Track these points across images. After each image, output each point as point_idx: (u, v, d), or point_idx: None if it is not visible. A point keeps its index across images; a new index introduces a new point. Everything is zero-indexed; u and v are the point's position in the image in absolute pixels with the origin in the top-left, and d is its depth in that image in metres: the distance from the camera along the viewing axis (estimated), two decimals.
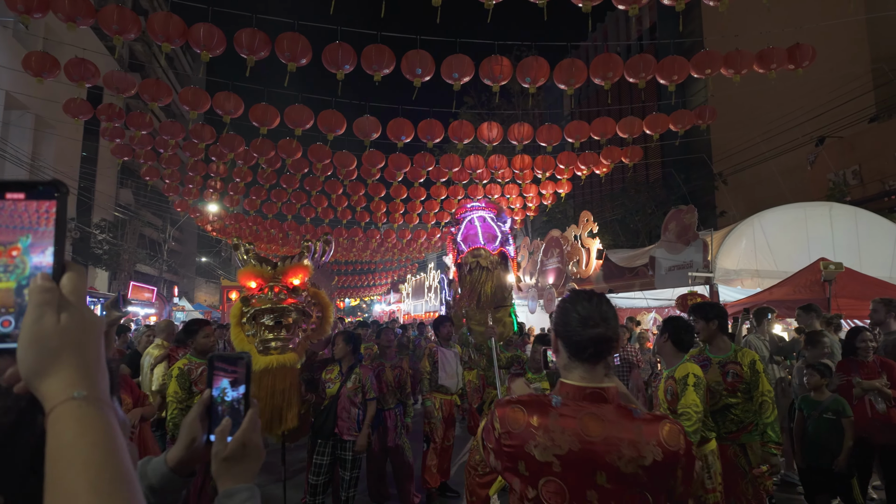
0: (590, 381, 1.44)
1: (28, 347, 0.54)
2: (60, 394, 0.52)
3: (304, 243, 4.25)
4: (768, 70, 7.18)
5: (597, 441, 1.34)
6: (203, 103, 7.70)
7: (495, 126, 8.44)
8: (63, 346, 0.54)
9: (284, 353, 3.89)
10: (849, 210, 9.49)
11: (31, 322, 0.55)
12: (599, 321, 1.44)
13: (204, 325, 4.27)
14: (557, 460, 1.35)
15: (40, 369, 0.53)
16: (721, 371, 3.51)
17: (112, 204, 25.44)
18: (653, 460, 1.33)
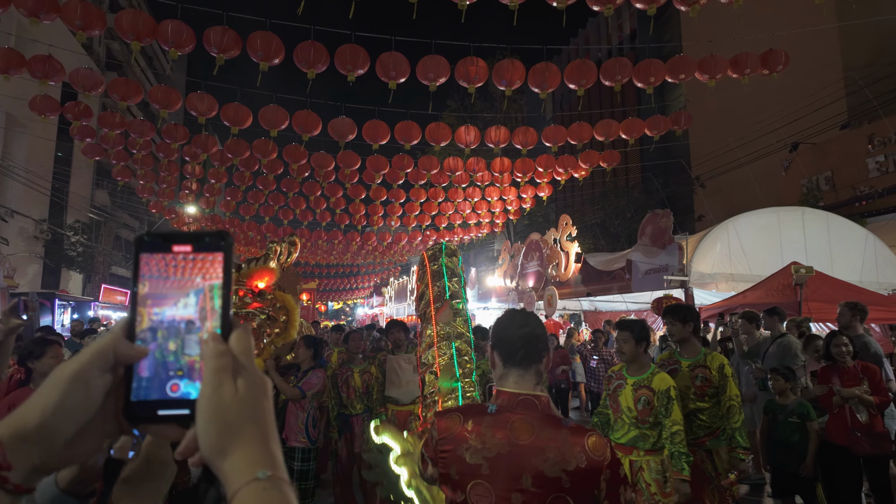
0: (523, 388, 1.52)
1: (208, 423, 0.50)
2: (244, 475, 0.48)
3: (269, 245, 4.15)
4: (742, 75, 7.25)
5: (525, 445, 1.42)
6: (174, 102, 7.54)
7: (472, 129, 8.41)
8: (244, 420, 0.50)
9: None
10: (821, 215, 9.65)
11: (209, 392, 0.50)
12: (527, 323, 1.57)
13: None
14: (486, 462, 1.42)
15: (222, 447, 0.49)
16: (690, 375, 3.47)
17: (87, 205, 24.88)
18: (576, 466, 1.39)
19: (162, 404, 0.52)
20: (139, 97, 7.43)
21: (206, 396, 0.50)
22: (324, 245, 18.12)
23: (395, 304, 30.50)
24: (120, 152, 9.94)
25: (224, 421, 0.49)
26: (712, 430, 3.42)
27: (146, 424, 0.54)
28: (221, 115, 7.71)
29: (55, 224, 22.06)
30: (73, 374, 0.50)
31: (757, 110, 15.52)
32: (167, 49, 6.20)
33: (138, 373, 0.52)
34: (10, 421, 0.48)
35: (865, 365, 4.01)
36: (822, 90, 13.55)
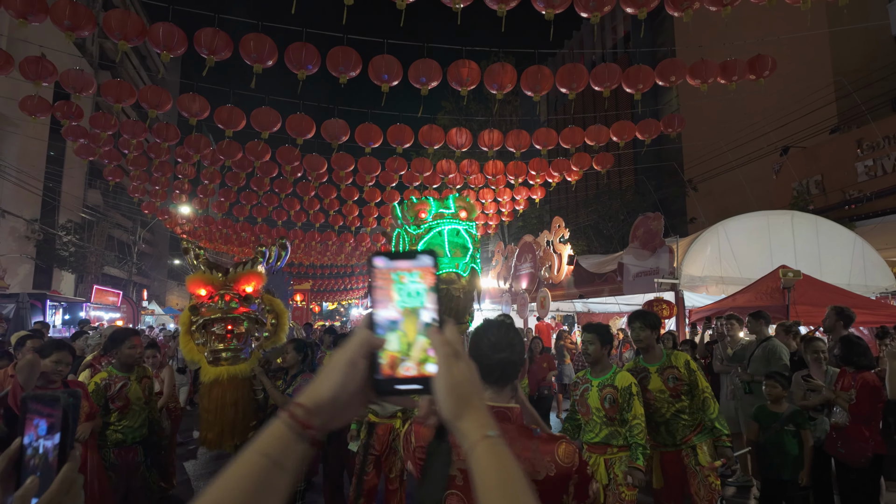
0: (496, 401, 1.59)
1: (447, 395, 0.68)
2: (478, 433, 0.67)
3: (257, 248, 4.16)
4: (730, 80, 7.32)
5: None
6: (164, 103, 7.54)
7: (465, 132, 8.44)
8: (471, 393, 0.69)
9: (236, 364, 3.78)
10: (810, 219, 9.73)
11: (444, 373, 0.68)
12: (506, 347, 1.60)
13: (131, 336, 3.91)
14: (461, 473, 1.47)
15: (459, 413, 0.67)
16: (661, 378, 3.51)
17: (79, 205, 24.76)
18: (546, 475, 1.45)
19: (398, 381, 0.69)
20: (132, 99, 7.42)
21: (443, 375, 0.68)
22: (317, 246, 18.11)
23: None
24: (111, 152, 9.91)
25: (458, 394, 0.67)
26: (695, 426, 3.48)
27: (388, 396, 0.71)
28: (215, 117, 7.70)
29: (47, 224, 21.94)
30: (347, 360, 0.68)
31: (748, 114, 15.63)
32: (159, 52, 6.21)
33: (379, 358, 0.69)
34: (309, 395, 0.67)
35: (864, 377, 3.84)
36: (813, 95, 13.66)
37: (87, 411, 3.25)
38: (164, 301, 34.48)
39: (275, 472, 0.64)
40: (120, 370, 3.79)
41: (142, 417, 3.80)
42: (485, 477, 0.66)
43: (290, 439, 0.64)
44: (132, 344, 3.78)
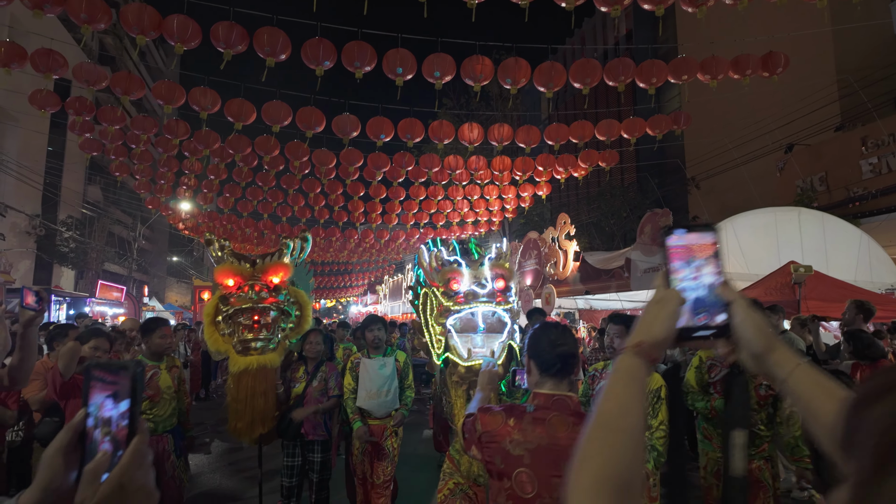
0: (557, 390, 1.75)
1: (757, 334, 0.81)
2: (791, 362, 0.79)
3: (282, 240, 4.17)
4: (743, 76, 7.35)
5: (562, 437, 1.63)
6: (178, 98, 7.51)
7: (476, 127, 8.45)
8: (772, 333, 0.83)
9: (265, 354, 3.80)
10: (816, 215, 9.78)
11: (748, 318, 0.82)
12: (565, 342, 1.78)
13: (161, 325, 3.95)
14: (528, 453, 1.62)
15: (769, 347, 0.81)
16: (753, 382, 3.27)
17: (80, 200, 24.65)
18: None
19: (694, 329, 0.84)
20: (142, 92, 7.39)
21: (748, 320, 0.82)
22: (321, 242, 18.09)
23: (389, 302, 30.47)
24: (119, 148, 9.87)
25: (764, 334, 0.82)
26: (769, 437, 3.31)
27: (686, 341, 0.84)
28: (225, 110, 7.69)
29: (48, 219, 21.84)
30: (672, 312, 0.82)
31: (752, 112, 15.68)
32: (173, 44, 6.19)
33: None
34: (646, 334, 0.80)
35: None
36: (816, 93, 13.71)
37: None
38: (164, 298, 34.40)
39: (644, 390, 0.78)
40: (150, 359, 3.80)
41: (171, 407, 3.82)
42: (809, 392, 0.77)
43: (643, 366, 0.78)
44: (162, 333, 3.81)
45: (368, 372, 4.04)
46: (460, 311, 3.23)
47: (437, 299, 3.36)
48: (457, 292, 3.23)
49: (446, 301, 3.25)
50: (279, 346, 3.90)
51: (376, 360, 4.11)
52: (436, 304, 3.38)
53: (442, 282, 3.29)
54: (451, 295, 3.24)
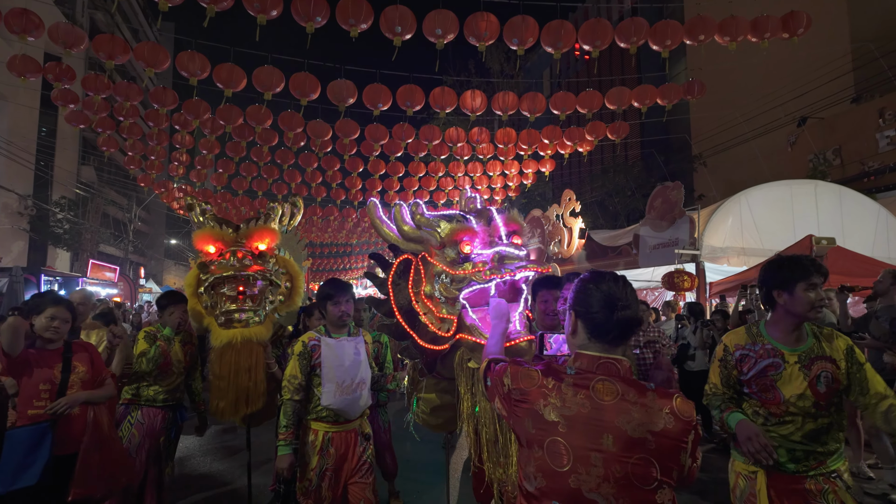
0: (606, 353, 1.44)
1: None
2: None
3: (269, 205, 3.80)
4: (762, 38, 6.92)
5: (607, 405, 1.37)
6: (162, 61, 7.08)
7: (479, 94, 8.02)
8: None
9: (250, 327, 3.46)
10: (833, 188, 9.42)
11: None
12: (628, 304, 1.42)
13: (172, 303, 3.83)
14: (564, 420, 1.38)
15: None
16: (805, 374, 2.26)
17: (73, 181, 24.20)
18: (664, 426, 1.34)
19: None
20: (126, 55, 6.94)
21: None
22: (319, 222, 17.69)
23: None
24: (105, 120, 9.43)
25: None
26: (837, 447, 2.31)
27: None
28: (214, 76, 7.26)
29: (40, 199, 21.42)
30: None
31: (761, 85, 15.19)
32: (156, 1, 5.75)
33: None
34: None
35: None
36: (829, 64, 13.22)
37: (85, 377, 2.91)
38: (162, 280, 34.11)
39: None
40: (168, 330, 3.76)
41: (178, 381, 3.73)
42: None
43: None
44: (171, 311, 3.77)
45: (337, 356, 2.99)
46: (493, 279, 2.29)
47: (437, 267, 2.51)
48: (470, 256, 2.36)
49: (456, 269, 2.37)
50: (267, 319, 3.56)
51: (343, 340, 3.10)
52: (431, 274, 2.55)
53: (447, 244, 2.41)
54: (463, 260, 2.37)
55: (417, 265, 2.72)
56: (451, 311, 2.47)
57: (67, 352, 2.87)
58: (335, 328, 3.15)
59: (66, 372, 2.81)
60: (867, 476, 4.89)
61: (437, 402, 2.91)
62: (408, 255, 2.83)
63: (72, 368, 2.84)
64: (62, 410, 2.68)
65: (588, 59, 26.62)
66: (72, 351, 2.89)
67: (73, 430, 2.77)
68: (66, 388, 2.79)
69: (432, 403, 2.93)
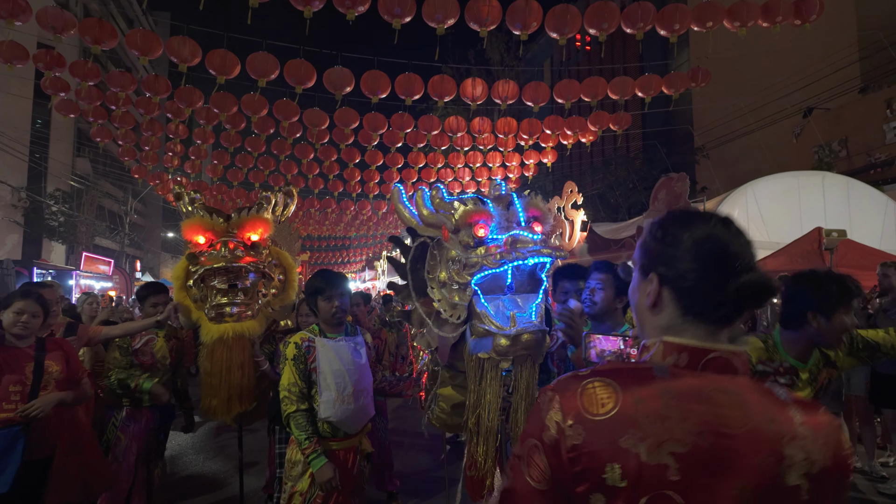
0: (711, 342, 0.90)
1: None
2: None
3: (261, 194, 3.62)
4: (773, 24, 6.71)
5: (738, 433, 0.82)
6: (155, 48, 6.87)
7: (479, 83, 7.80)
8: None
9: (242, 321, 3.28)
10: (841, 180, 9.23)
11: None
12: (749, 260, 0.90)
13: (152, 294, 3.66)
14: (676, 462, 0.80)
15: None
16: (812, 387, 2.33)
17: (68, 173, 23.93)
18: (821, 467, 0.83)
19: None
20: (114, 40, 6.71)
21: None
22: (316, 215, 17.49)
23: (388, 278, 30.05)
24: (98, 109, 9.21)
25: None
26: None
27: None
28: (206, 62, 7.03)
29: (34, 191, 21.18)
30: None
31: (765, 76, 14.96)
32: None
33: None
34: None
35: None
36: (835, 54, 12.99)
37: (60, 377, 2.71)
38: (158, 273, 33.87)
39: None
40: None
41: (163, 380, 3.54)
42: None
43: None
44: (153, 302, 3.55)
45: (336, 360, 2.67)
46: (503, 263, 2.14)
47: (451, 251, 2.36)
48: (484, 240, 2.21)
49: (468, 252, 2.24)
50: (259, 313, 3.38)
51: (341, 341, 2.76)
52: (446, 259, 2.38)
53: (461, 227, 2.27)
54: (477, 244, 2.22)
55: (433, 250, 2.54)
56: (463, 298, 2.31)
57: (40, 350, 2.67)
58: (330, 327, 2.81)
59: (38, 372, 2.61)
60: (880, 475, 4.75)
61: (455, 398, 2.67)
62: (425, 239, 2.65)
63: (45, 368, 2.64)
64: (35, 414, 2.49)
65: (589, 50, 26.35)
66: (45, 349, 2.69)
67: (47, 433, 2.59)
68: (38, 389, 2.59)
69: (451, 400, 2.70)
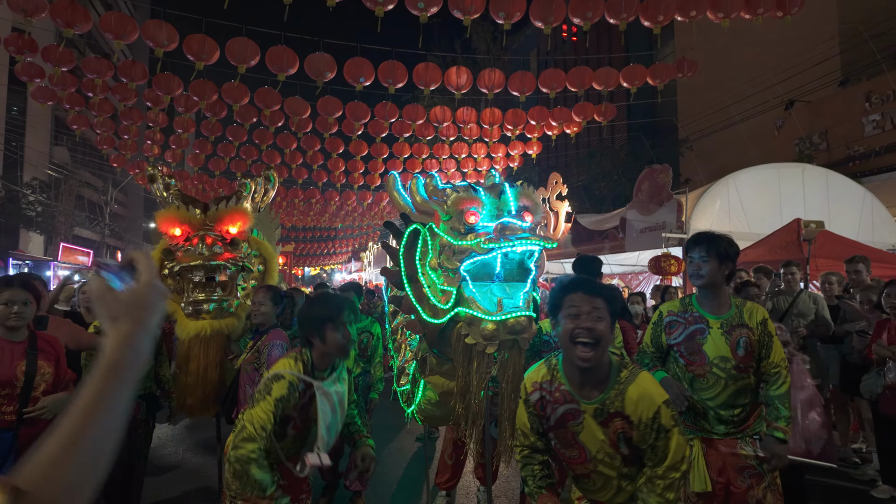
0: None
1: None
2: None
3: (240, 180, 3.54)
4: (755, 15, 6.74)
5: None
6: (130, 32, 6.69)
7: (465, 71, 7.74)
8: None
9: (221, 318, 3.20)
10: (820, 172, 9.36)
11: None
12: None
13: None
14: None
15: None
16: (727, 339, 2.58)
17: (45, 161, 23.38)
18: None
19: None
20: (88, 24, 6.52)
21: None
22: (300, 205, 17.31)
23: (374, 269, 29.91)
24: (74, 96, 8.98)
25: None
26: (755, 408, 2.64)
27: None
28: (184, 47, 6.88)
29: (10, 181, 20.67)
30: None
31: (748, 68, 15.07)
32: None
33: None
34: None
35: None
36: (817, 47, 13.13)
37: (50, 379, 2.54)
38: None
39: None
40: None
41: (147, 369, 3.37)
42: None
43: None
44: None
45: (332, 410, 2.29)
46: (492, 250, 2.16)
47: (442, 238, 2.40)
48: (474, 227, 2.25)
49: (458, 239, 2.28)
50: (239, 307, 3.31)
51: (333, 383, 2.34)
52: (436, 246, 2.45)
53: (452, 214, 2.33)
54: (467, 231, 2.27)
55: (425, 236, 2.58)
56: (451, 283, 2.38)
57: (33, 348, 2.49)
58: (326, 362, 2.33)
59: (30, 373, 2.43)
60: (853, 461, 4.85)
61: (443, 385, 2.72)
62: (418, 225, 2.69)
63: (38, 369, 2.47)
64: (41, 415, 2.35)
65: (575, 41, 26.32)
66: (37, 348, 2.51)
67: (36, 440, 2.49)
68: (30, 392, 2.43)
69: (439, 388, 2.72)
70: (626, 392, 1.79)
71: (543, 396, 1.93)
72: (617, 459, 1.85)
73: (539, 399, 1.94)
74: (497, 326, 2.20)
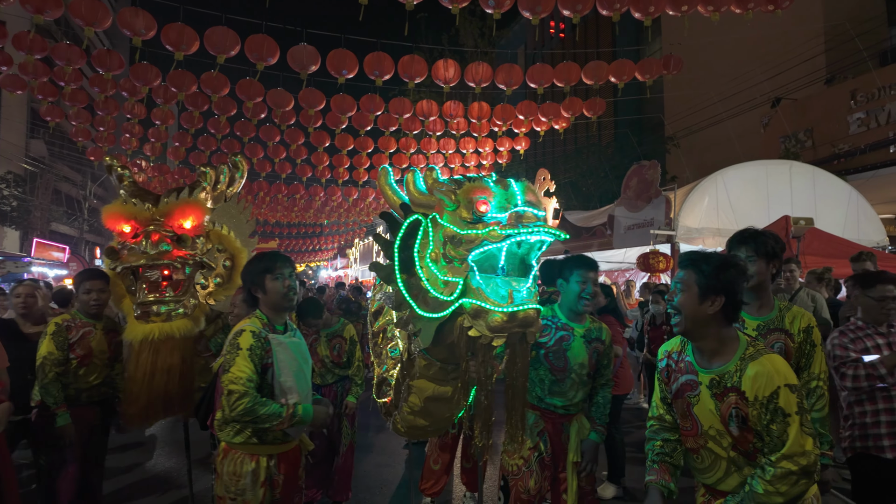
0: None
1: None
2: None
3: (199, 169, 3.29)
4: (745, 10, 6.65)
5: None
6: (102, 18, 6.40)
7: (452, 64, 7.56)
8: None
9: (172, 321, 2.97)
10: (807, 169, 9.36)
11: None
12: None
13: (86, 279, 3.23)
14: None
15: None
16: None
17: (21, 155, 22.74)
18: None
19: None
20: (59, 10, 6.23)
21: None
22: (284, 201, 16.99)
23: (360, 266, 29.65)
24: (46, 85, 8.64)
25: None
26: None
27: None
28: (162, 37, 6.62)
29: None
30: None
31: (735, 65, 15.09)
32: None
33: None
34: None
35: None
36: (803, 45, 13.17)
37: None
38: None
39: None
40: (84, 315, 3.19)
41: (103, 374, 3.21)
42: None
43: None
44: (86, 288, 3.15)
45: (294, 359, 2.45)
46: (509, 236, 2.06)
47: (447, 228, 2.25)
48: (485, 216, 2.13)
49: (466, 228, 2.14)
50: (196, 309, 3.07)
51: (294, 338, 2.55)
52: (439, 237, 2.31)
53: (462, 202, 2.20)
54: (476, 220, 2.14)
55: (427, 227, 2.41)
56: (456, 274, 2.24)
57: None
58: (277, 314, 2.47)
59: None
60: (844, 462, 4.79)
61: (429, 390, 2.52)
62: (419, 216, 2.50)
63: None
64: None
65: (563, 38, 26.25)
66: None
67: None
68: None
69: (424, 392, 2.53)
70: (746, 368, 1.78)
71: (669, 365, 2.06)
72: (725, 440, 1.82)
73: (665, 366, 2.08)
74: (507, 318, 2.11)
